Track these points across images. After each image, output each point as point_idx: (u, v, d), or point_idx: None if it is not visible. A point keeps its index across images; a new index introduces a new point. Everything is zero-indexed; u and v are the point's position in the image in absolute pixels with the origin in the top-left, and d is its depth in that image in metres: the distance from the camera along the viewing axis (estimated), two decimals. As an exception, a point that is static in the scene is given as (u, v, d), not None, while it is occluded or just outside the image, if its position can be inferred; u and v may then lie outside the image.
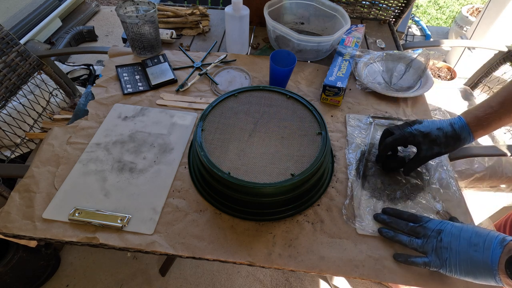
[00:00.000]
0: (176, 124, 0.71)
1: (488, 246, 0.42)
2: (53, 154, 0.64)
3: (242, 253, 0.52)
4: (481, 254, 0.42)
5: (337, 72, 0.78)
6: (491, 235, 0.43)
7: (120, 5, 0.81)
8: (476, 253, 0.43)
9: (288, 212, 0.56)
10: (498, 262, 0.41)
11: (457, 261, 0.44)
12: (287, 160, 0.54)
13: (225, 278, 1.10)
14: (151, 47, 0.87)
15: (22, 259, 0.91)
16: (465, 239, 0.44)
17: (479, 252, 0.42)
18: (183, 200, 0.58)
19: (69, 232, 0.53)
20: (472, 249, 0.43)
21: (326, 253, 0.52)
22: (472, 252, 0.43)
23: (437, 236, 0.47)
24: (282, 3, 0.95)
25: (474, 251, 0.43)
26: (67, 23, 2.11)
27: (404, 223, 0.52)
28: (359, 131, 0.70)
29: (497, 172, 1.07)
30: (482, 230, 0.45)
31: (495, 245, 0.42)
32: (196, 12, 1.00)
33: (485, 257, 0.42)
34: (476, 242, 0.43)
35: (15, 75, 0.91)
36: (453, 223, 0.48)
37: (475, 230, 0.45)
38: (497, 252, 0.41)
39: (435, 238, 0.47)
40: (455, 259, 0.44)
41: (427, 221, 0.50)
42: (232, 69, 0.86)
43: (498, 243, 0.42)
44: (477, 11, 2.02)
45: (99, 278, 1.09)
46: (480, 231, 0.45)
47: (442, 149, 0.54)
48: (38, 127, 1.03)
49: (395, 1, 1.08)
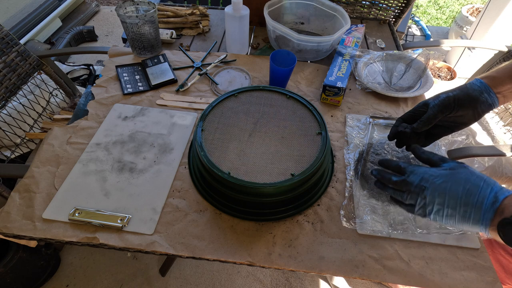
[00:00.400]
0: (176, 124, 0.71)
1: (479, 207, 0.40)
2: (53, 154, 0.64)
3: (242, 253, 0.52)
4: (471, 215, 0.40)
5: (337, 72, 0.78)
6: (482, 194, 0.40)
7: (120, 5, 0.81)
8: (466, 214, 0.40)
9: (288, 212, 0.56)
10: (490, 224, 0.39)
11: (443, 219, 0.42)
12: (287, 160, 0.54)
13: (225, 278, 1.10)
14: (151, 47, 0.87)
15: (22, 259, 0.91)
16: (453, 198, 0.41)
17: (468, 212, 0.40)
18: (183, 200, 0.58)
19: (69, 232, 0.53)
20: (461, 209, 0.41)
21: (326, 253, 0.52)
22: (462, 212, 0.41)
23: (421, 193, 0.44)
24: (282, 3, 0.95)
25: (463, 211, 0.40)
26: (67, 23, 2.11)
27: (389, 177, 0.48)
28: (357, 131, 0.70)
29: (497, 172, 1.07)
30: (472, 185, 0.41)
31: (486, 206, 0.39)
32: (196, 12, 1.00)
33: (475, 219, 0.40)
34: (466, 202, 0.40)
35: (15, 75, 0.91)
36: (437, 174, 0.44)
37: (465, 188, 0.41)
38: (488, 216, 0.39)
39: (419, 195, 0.44)
40: (441, 217, 0.42)
41: (409, 173, 0.46)
42: (232, 69, 0.86)
43: (490, 204, 0.39)
44: (477, 11, 2.02)
45: (99, 278, 1.09)
46: (471, 188, 0.41)
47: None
48: (38, 127, 1.03)
49: (395, 1, 1.08)
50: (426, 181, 0.44)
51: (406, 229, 0.54)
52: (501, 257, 0.74)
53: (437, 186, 0.43)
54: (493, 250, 0.76)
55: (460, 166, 0.44)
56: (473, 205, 0.40)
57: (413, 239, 0.54)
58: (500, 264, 0.74)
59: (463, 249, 0.53)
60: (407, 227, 0.54)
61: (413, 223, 0.55)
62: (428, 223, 0.55)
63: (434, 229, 0.54)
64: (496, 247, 0.75)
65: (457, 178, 0.42)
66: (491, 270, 0.50)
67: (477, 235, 0.54)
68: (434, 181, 0.43)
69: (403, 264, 0.51)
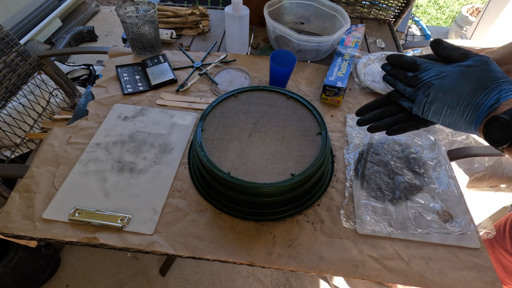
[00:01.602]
0: (176, 124, 0.71)
1: (477, 108, 0.38)
2: (53, 154, 0.64)
3: (242, 253, 0.52)
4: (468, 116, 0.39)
5: (337, 72, 0.78)
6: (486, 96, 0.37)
7: (120, 5, 0.81)
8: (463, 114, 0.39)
9: (288, 212, 0.56)
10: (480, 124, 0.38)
11: (440, 118, 0.42)
12: (287, 160, 0.54)
13: (225, 278, 1.10)
14: (151, 47, 0.87)
15: (22, 259, 0.91)
16: (457, 98, 0.39)
17: (466, 113, 0.39)
18: (183, 200, 0.58)
19: (69, 232, 0.53)
20: (460, 110, 0.39)
21: (326, 253, 0.52)
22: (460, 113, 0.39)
23: (425, 90, 0.42)
24: (282, 3, 0.95)
25: (462, 111, 0.39)
26: (67, 23, 2.11)
27: (403, 73, 0.46)
28: (357, 131, 0.70)
29: (497, 172, 1.07)
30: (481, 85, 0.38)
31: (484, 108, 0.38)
32: (196, 12, 1.00)
33: (470, 121, 0.39)
34: (468, 103, 0.38)
35: (15, 75, 0.91)
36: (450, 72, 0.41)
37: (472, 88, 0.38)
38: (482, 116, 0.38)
39: (423, 92, 0.42)
40: (438, 116, 0.41)
41: (424, 70, 0.43)
42: (232, 69, 0.86)
43: (488, 106, 0.37)
44: (477, 11, 2.02)
45: (99, 278, 1.09)
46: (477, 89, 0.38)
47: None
48: (38, 127, 1.03)
49: (395, 1, 1.08)
50: (436, 78, 0.41)
51: (406, 229, 0.54)
52: (502, 257, 0.74)
53: (444, 84, 0.40)
54: (493, 250, 0.76)
55: (480, 63, 0.40)
56: (473, 105, 0.38)
57: (413, 239, 0.53)
58: (501, 264, 0.74)
59: (463, 249, 0.53)
60: (407, 227, 0.54)
61: (413, 223, 0.55)
62: (428, 223, 0.55)
63: (434, 229, 0.54)
64: (496, 247, 0.75)
65: (469, 77, 0.39)
66: (491, 270, 0.50)
67: (477, 234, 0.54)
68: (443, 79, 0.40)
69: (403, 264, 0.51)
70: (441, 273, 0.50)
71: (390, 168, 0.63)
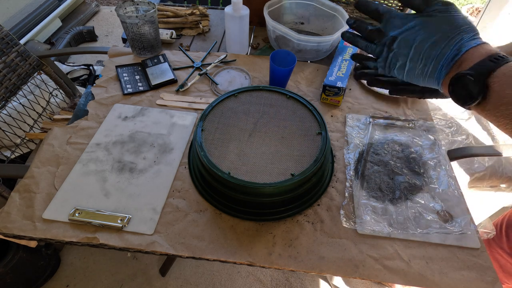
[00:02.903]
0: (176, 124, 0.71)
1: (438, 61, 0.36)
2: (53, 154, 0.64)
3: (242, 253, 0.52)
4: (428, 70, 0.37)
5: (337, 72, 0.78)
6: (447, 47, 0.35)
7: (120, 5, 0.81)
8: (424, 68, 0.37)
9: (288, 212, 0.56)
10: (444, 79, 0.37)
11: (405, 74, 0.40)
12: (287, 160, 0.54)
13: (225, 278, 1.10)
14: (151, 47, 0.87)
15: (22, 259, 0.91)
16: (418, 51, 0.37)
17: (427, 67, 0.37)
18: (183, 200, 0.58)
19: (69, 232, 0.53)
20: (421, 63, 0.37)
21: (326, 253, 0.52)
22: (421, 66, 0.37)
23: (389, 45, 0.39)
24: (282, 3, 0.95)
25: (423, 65, 0.37)
26: (67, 23, 2.11)
27: (365, 26, 0.43)
28: (357, 131, 0.70)
29: (497, 172, 1.07)
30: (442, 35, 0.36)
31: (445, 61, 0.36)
32: (196, 12, 1.00)
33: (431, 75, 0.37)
34: (428, 55, 0.37)
35: (15, 75, 0.91)
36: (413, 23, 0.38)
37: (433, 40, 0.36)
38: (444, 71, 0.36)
39: (386, 46, 0.40)
40: (403, 71, 0.39)
41: (386, 22, 0.41)
42: (232, 69, 0.86)
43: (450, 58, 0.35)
44: (477, 11, 2.02)
45: (99, 278, 1.09)
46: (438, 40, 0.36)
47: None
48: (38, 127, 1.03)
49: (395, 1, 1.08)
50: (400, 30, 0.39)
51: (406, 229, 0.54)
52: (499, 257, 0.74)
53: (406, 36, 0.38)
54: (491, 249, 0.76)
55: (443, 11, 0.37)
56: (433, 58, 0.36)
57: (413, 239, 0.53)
58: (498, 264, 0.74)
59: (463, 249, 0.53)
60: (407, 227, 0.54)
61: (413, 223, 0.55)
62: (428, 223, 0.55)
63: (434, 229, 0.54)
64: (494, 246, 0.75)
65: (430, 27, 0.37)
66: (491, 270, 0.50)
67: (477, 234, 0.54)
68: (406, 31, 0.38)
69: (403, 264, 0.51)
70: (441, 273, 0.50)
71: (390, 168, 0.63)
